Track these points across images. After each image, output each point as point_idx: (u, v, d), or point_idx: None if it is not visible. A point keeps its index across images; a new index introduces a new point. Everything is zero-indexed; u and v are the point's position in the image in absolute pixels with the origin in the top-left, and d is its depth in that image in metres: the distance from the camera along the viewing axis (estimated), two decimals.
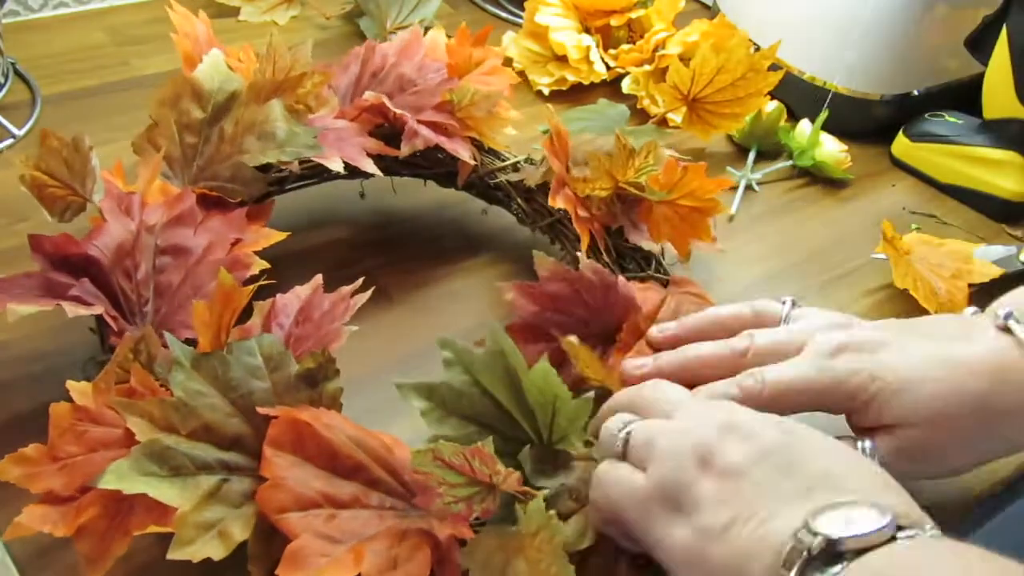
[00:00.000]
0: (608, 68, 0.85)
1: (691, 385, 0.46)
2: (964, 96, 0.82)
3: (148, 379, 0.44)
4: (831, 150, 0.78)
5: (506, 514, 0.41)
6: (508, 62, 0.84)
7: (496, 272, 0.65)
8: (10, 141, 0.70)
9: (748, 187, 0.77)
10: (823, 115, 0.78)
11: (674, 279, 0.57)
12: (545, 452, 0.45)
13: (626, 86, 0.85)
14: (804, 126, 0.80)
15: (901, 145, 0.82)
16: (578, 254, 0.55)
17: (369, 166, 0.58)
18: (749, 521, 0.34)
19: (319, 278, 0.52)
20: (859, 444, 0.44)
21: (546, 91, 0.84)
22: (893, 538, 0.32)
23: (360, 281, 0.51)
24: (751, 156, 0.79)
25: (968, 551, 0.31)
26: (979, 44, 0.78)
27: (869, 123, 0.84)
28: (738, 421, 0.38)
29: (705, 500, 0.36)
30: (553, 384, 0.43)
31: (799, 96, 0.83)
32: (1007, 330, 0.44)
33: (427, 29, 0.85)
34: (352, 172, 0.61)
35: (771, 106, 0.79)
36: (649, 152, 0.57)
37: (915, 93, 0.83)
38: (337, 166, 0.57)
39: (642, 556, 0.42)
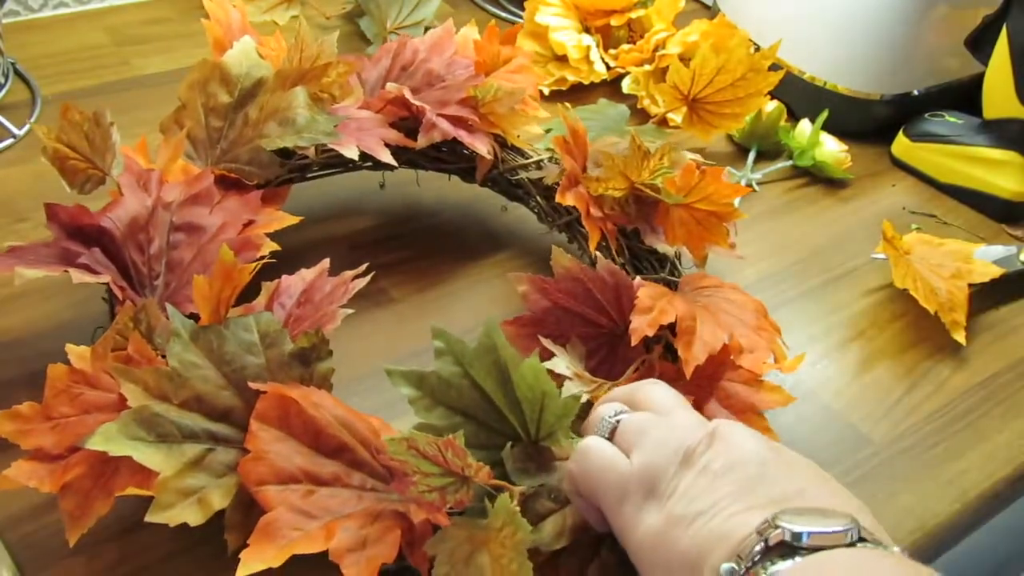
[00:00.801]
0: (608, 68, 0.85)
1: None
2: (964, 96, 0.82)
3: (145, 348, 0.45)
4: (831, 150, 0.78)
5: (482, 506, 0.42)
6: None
7: (512, 270, 0.65)
8: (10, 141, 0.70)
9: (748, 187, 0.77)
10: (823, 115, 0.78)
11: (686, 278, 0.56)
12: (530, 449, 0.45)
13: (626, 86, 0.85)
14: (804, 126, 0.80)
15: (901, 145, 0.82)
16: (596, 254, 0.56)
17: (386, 156, 0.59)
18: (717, 516, 0.35)
19: (326, 262, 0.52)
20: None
21: (546, 91, 0.84)
22: (853, 543, 0.32)
23: (364, 267, 0.52)
24: (751, 156, 0.79)
25: (922, 571, 0.32)
26: (979, 44, 0.78)
27: (869, 123, 0.84)
28: (726, 433, 0.39)
29: (681, 490, 0.37)
30: (542, 380, 0.43)
31: (799, 96, 0.83)
32: None
33: (427, 29, 0.86)
34: (376, 163, 0.62)
35: (771, 106, 0.79)
36: (664, 154, 0.56)
37: (915, 93, 0.83)
38: (352, 154, 0.58)
39: (613, 556, 0.42)
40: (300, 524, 0.40)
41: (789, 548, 0.32)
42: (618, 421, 0.42)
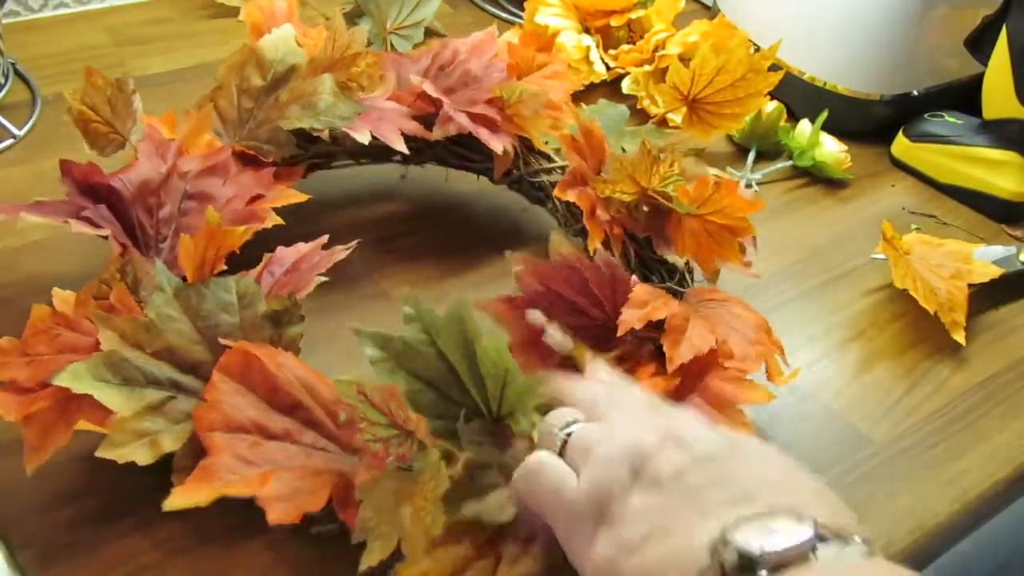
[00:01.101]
0: (608, 68, 0.85)
1: None
2: (964, 96, 0.82)
3: (127, 298, 0.47)
4: (831, 150, 0.78)
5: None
6: None
7: None
8: (10, 141, 0.70)
9: (748, 187, 0.77)
10: (823, 115, 0.78)
11: (692, 291, 0.56)
12: (490, 426, 0.45)
13: (626, 86, 0.85)
14: (804, 126, 0.80)
15: (901, 145, 0.82)
16: (598, 246, 0.55)
17: (399, 144, 0.60)
18: (667, 536, 0.33)
19: (325, 238, 0.54)
20: None
21: None
22: (813, 549, 0.31)
23: (355, 243, 0.53)
24: (751, 156, 0.80)
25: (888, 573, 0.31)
26: (979, 44, 0.78)
27: (869, 123, 0.84)
28: (680, 428, 0.37)
29: (629, 513, 0.35)
30: (505, 357, 0.43)
31: (799, 96, 0.83)
32: None
33: (427, 30, 0.86)
34: (404, 157, 0.64)
35: (771, 106, 0.79)
36: (674, 160, 0.56)
37: (915, 93, 0.83)
38: (364, 139, 0.59)
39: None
40: (239, 470, 0.42)
41: (749, 568, 0.30)
42: (568, 435, 0.39)
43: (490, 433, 0.45)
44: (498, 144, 0.62)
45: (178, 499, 0.41)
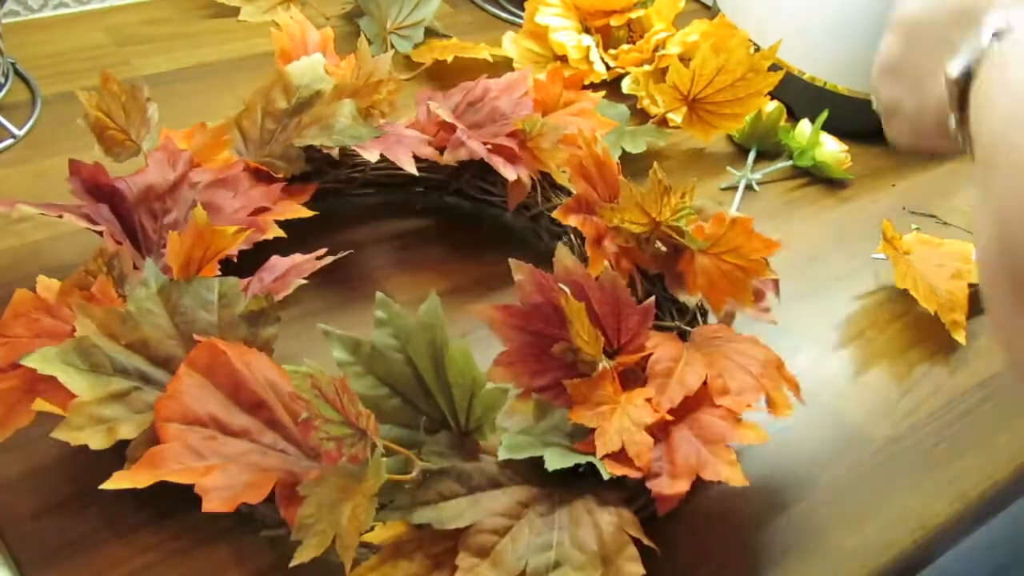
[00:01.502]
0: (608, 68, 0.85)
1: None
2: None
3: (109, 290, 0.47)
4: (831, 150, 0.78)
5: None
6: (508, 62, 0.84)
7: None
8: (10, 141, 0.70)
9: (748, 187, 0.77)
10: (823, 115, 0.78)
11: (698, 329, 0.54)
12: (457, 440, 0.45)
13: (626, 86, 0.85)
14: (804, 126, 0.80)
15: None
16: (606, 264, 0.54)
17: (409, 166, 0.61)
18: None
19: (321, 251, 0.54)
20: None
21: None
22: None
23: (348, 253, 0.54)
24: (751, 156, 0.79)
25: None
26: None
27: (869, 123, 0.83)
28: None
29: None
30: (471, 366, 0.43)
31: (799, 96, 0.83)
32: None
33: (427, 29, 0.86)
34: (426, 188, 0.67)
35: (771, 106, 0.79)
36: (686, 192, 0.54)
37: None
38: (373, 157, 0.60)
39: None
40: (186, 460, 0.42)
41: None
42: None
43: (456, 447, 0.45)
44: (512, 172, 0.62)
45: (119, 480, 0.41)
